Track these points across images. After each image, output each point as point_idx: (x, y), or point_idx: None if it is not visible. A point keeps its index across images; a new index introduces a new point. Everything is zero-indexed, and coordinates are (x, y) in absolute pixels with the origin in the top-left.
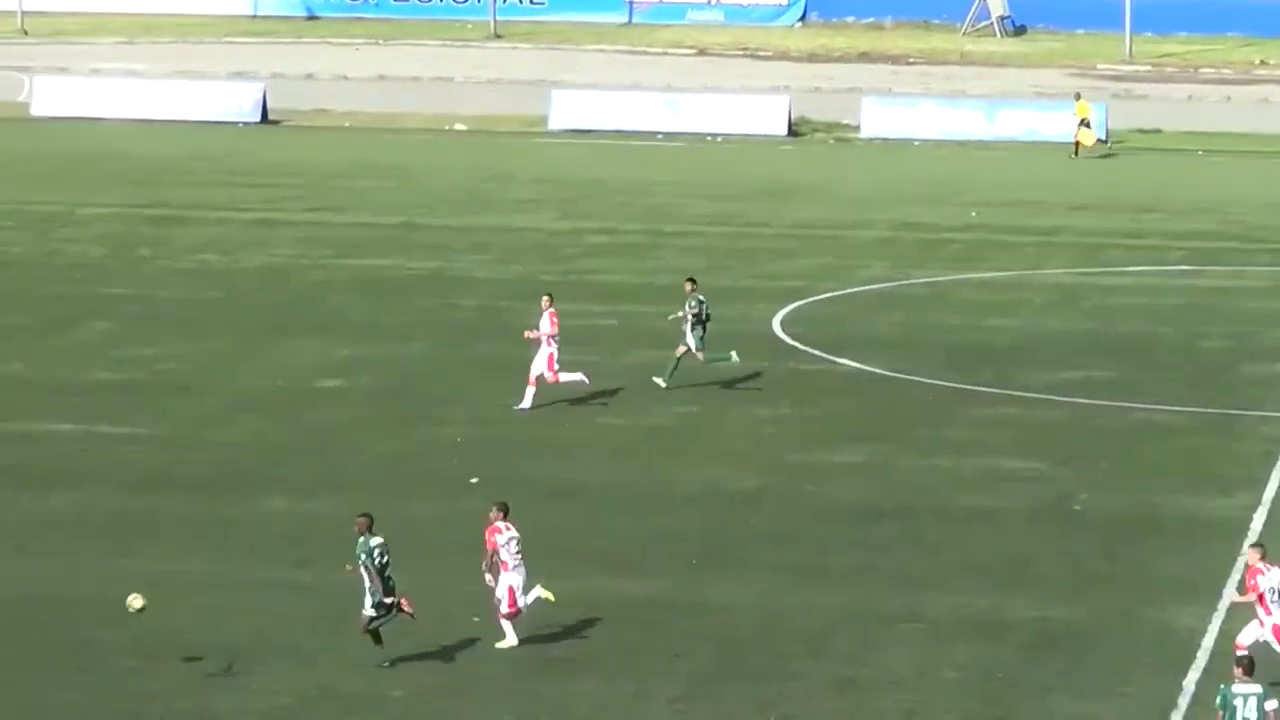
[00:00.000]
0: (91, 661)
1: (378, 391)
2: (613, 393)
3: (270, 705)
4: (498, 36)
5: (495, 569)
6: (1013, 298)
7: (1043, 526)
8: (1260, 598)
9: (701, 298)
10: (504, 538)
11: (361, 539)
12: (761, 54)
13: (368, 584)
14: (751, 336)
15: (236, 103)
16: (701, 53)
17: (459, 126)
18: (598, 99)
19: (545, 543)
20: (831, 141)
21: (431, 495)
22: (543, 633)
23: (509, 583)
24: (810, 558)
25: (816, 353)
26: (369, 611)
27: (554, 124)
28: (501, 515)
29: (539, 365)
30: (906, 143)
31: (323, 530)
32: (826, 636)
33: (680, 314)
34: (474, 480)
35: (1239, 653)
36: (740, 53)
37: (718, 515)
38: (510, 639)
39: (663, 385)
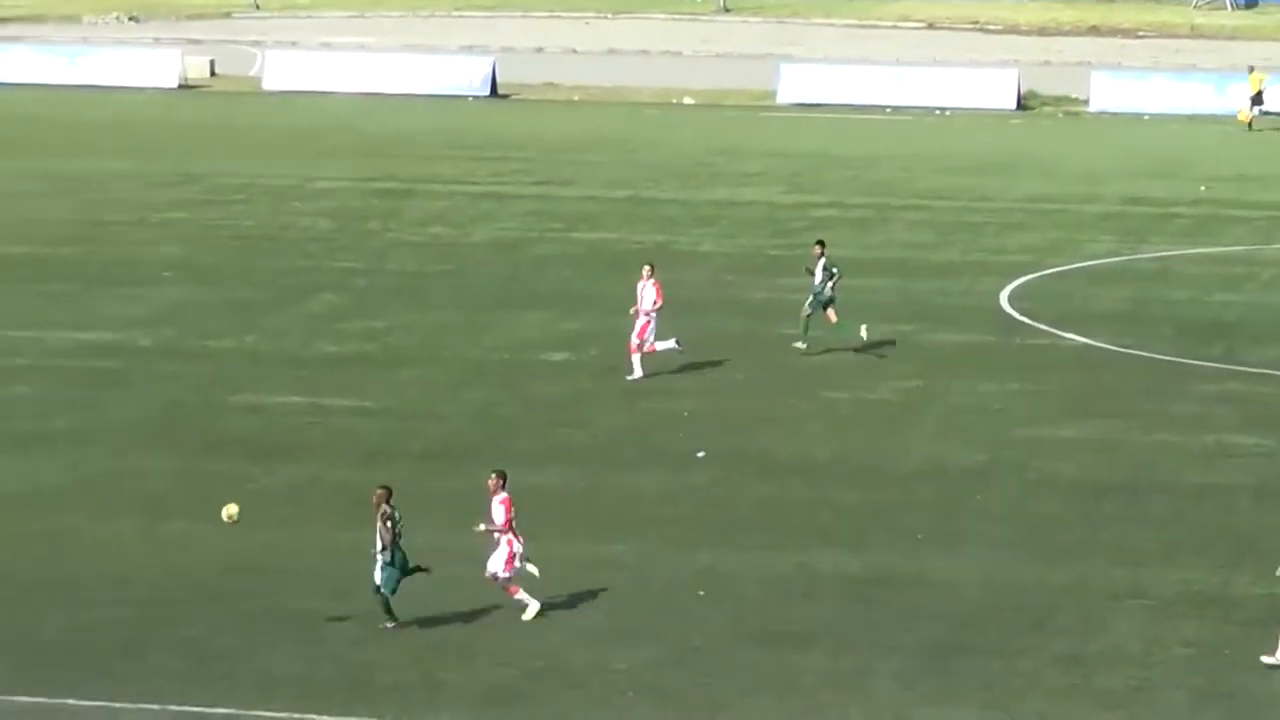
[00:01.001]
0: (317, 633)
1: (604, 364)
2: (837, 367)
3: (496, 677)
4: (726, 10)
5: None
6: (1241, 272)
7: (1270, 502)
8: None
9: (830, 263)
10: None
11: (388, 508)
12: (990, 28)
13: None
14: (979, 311)
15: (466, 76)
16: (930, 26)
17: (687, 100)
18: (826, 73)
19: (771, 517)
20: (1060, 115)
21: (657, 468)
22: (767, 606)
23: (514, 550)
24: (1036, 533)
25: (1043, 327)
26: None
27: (782, 98)
28: (503, 483)
29: (648, 332)
30: (1135, 117)
31: (548, 503)
32: (1052, 612)
33: (813, 276)
34: (701, 454)
35: None
36: (969, 26)
37: (943, 490)
38: (531, 606)
39: (802, 347)
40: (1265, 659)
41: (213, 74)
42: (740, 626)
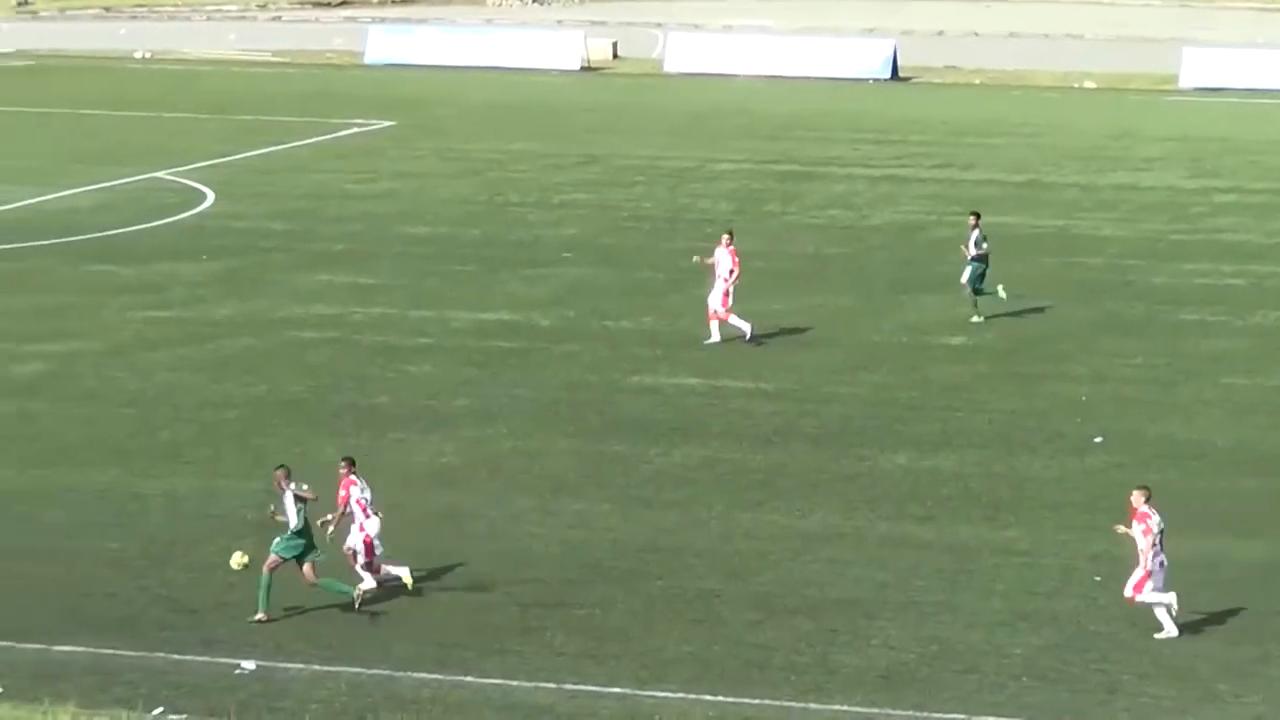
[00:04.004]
0: (711, 613)
1: (1001, 348)
2: (1236, 353)
3: (891, 660)
4: None
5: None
6: None
7: None
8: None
9: (983, 235)
10: (358, 490)
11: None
12: None
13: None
14: None
15: (867, 60)
16: None
17: (1088, 84)
18: (1230, 57)
19: (1168, 503)
20: None
21: (1053, 453)
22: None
23: (368, 532)
24: None
25: None
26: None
27: (1184, 82)
28: (350, 467)
29: (714, 300)
30: None
31: (945, 486)
32: None
33: (965, 249)
34: (1098, 439)
35: None
36: None
37: None
38: (368, 583)
39: (980, 320)
40: (1159, 635)
41: (615, 56)
42: (1136, 611)
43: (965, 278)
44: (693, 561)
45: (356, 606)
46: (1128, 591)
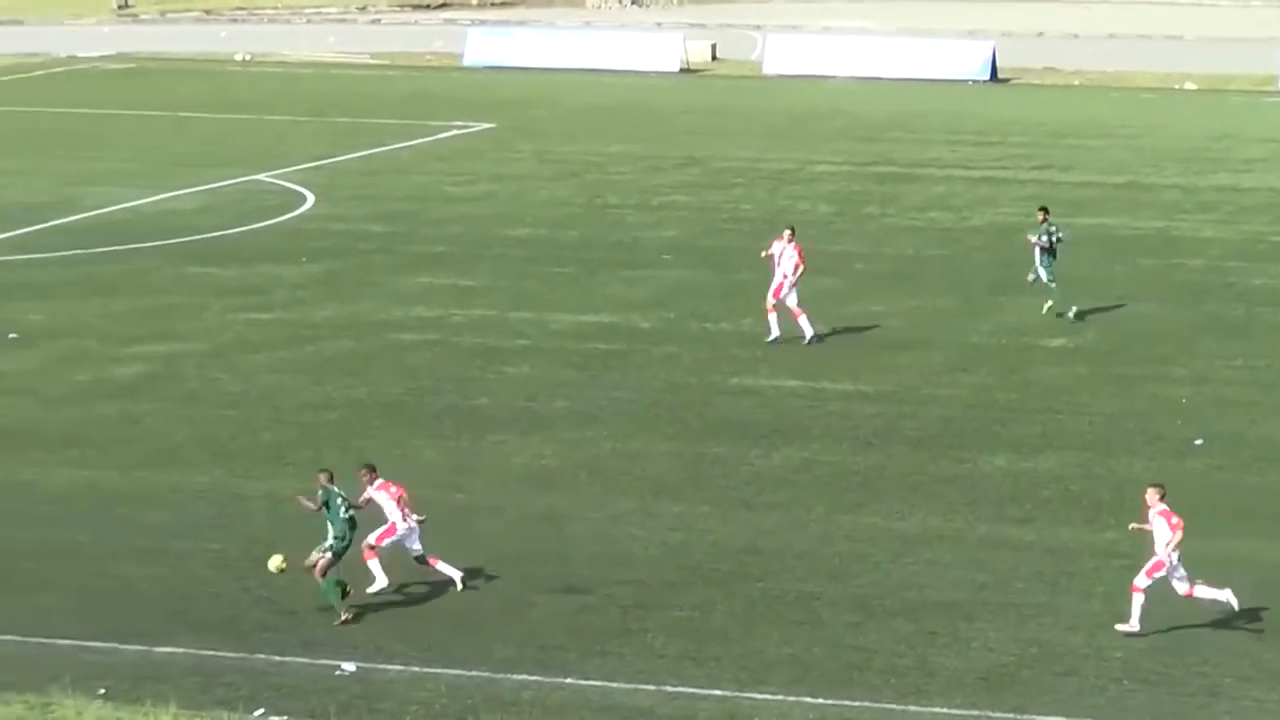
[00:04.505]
0: (811, 615)
1: (1101, 350)
2: None
3: (991, 663)
4: None
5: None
6: None
7: None
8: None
9: (1053, 228)
10: (394, 489)
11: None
12: None
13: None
14: None
15: (966, 61)
16: None
17: (1188, 85)
18: None
19: (1272, 505)
20: None
21: (1154, 455)
22: (1264, 595)
23: (397, 527)
24: None
25: None
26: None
27: None
28: (375, 472)
29: (783, 292)
30: None
31: (1045, 488)
32: None
33: (1031, 238)
34: (1198, 441)
35: None
36: None
37: None
38: (381, 582)
39: (1070, 314)
40: (1120, 627)
41: (714, 58)
42: (1238, 615)
43: (1045, 276)
44: (793, 564)
45: (342, 619)
46: (1142, 577)
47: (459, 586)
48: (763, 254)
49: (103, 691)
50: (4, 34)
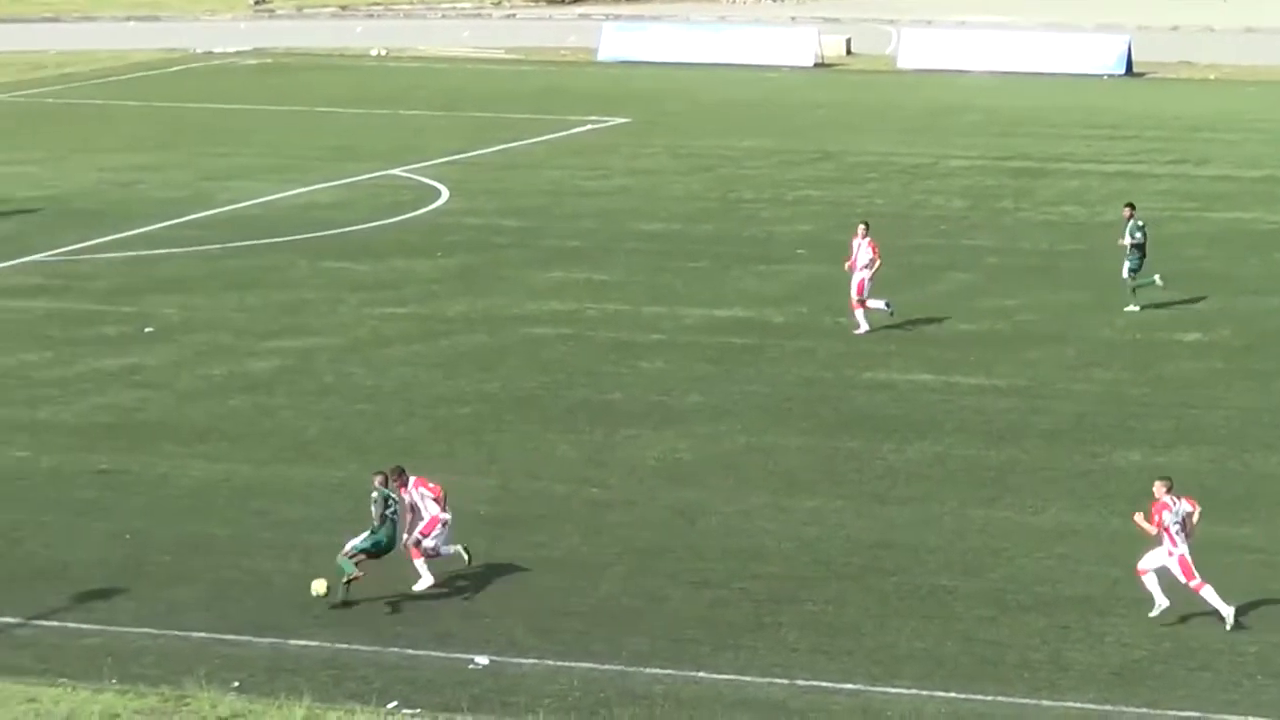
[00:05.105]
0: (944, 610)
1: (1237, 345)
2: None
3: (1124, 657)
4: None
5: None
6: None
7: None
8: (1166, 530)
9: (1141, 223)
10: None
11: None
12: None
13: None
14: None
15: (1101, 55)
16: None
17: None
18: None
19: None
20: None
21: None
22: None
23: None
24: None
25: None
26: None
27: None
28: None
29: (853, 290)
30: None
31: (1179, 482)
32: None
33: (1122, 241)
34: None
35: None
36: None
37: None
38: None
39: (1137, 309)
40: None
41: (848, 52)
42: None
43: (1125, 271)
44: (926, 558)
45: (343, 594)
46: (1183, 578)
47: (423, 586)
48: (845, 264)
49: (236, 684)
50: (142, 29)
